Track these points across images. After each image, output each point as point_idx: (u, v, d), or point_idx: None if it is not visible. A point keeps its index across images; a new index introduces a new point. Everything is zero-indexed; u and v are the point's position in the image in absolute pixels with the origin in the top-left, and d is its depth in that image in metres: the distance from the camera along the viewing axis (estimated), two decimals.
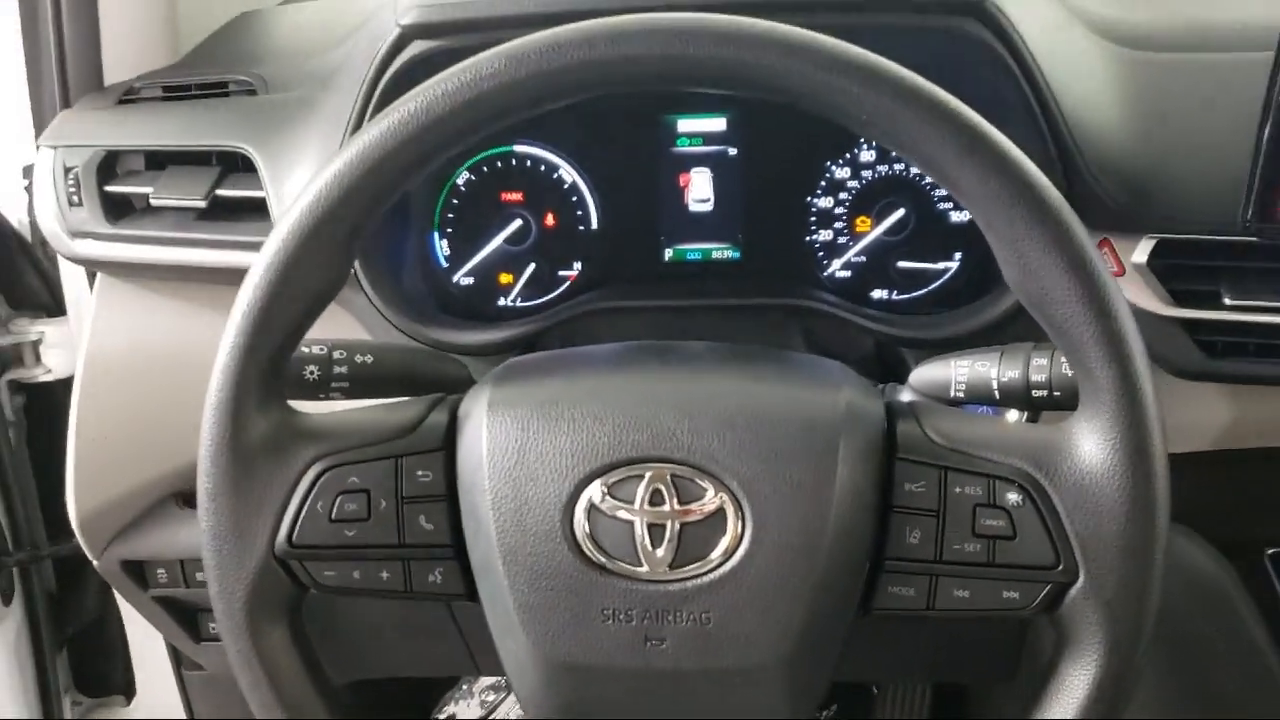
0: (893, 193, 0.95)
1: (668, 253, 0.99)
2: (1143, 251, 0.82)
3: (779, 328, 0.94)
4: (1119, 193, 0.82)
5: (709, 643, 0.58)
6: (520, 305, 1.00)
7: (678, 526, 0.58)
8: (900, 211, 0.94)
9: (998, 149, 0.55)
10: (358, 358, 0.71)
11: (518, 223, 0.98)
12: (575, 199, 0.98)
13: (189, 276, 0.99)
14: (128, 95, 1.04)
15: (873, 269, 0.97)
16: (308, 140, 0.90)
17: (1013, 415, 0.79)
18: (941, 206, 0.95)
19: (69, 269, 1.20)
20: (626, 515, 0.58)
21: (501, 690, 1.68)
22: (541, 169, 0.98)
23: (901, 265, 0.96)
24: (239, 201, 0.93)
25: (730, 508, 0.58)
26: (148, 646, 1.37)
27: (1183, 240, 0.82)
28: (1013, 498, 0.58)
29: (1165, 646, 0.93)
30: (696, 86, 0.58)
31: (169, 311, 1.02)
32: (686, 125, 0.96)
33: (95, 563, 1.05)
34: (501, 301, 1.00)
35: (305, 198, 0.58)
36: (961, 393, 0.71)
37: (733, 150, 0.96)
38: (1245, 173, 0.76)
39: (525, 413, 0.61)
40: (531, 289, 1.00)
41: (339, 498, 0.62)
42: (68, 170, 0.98)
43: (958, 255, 0.95)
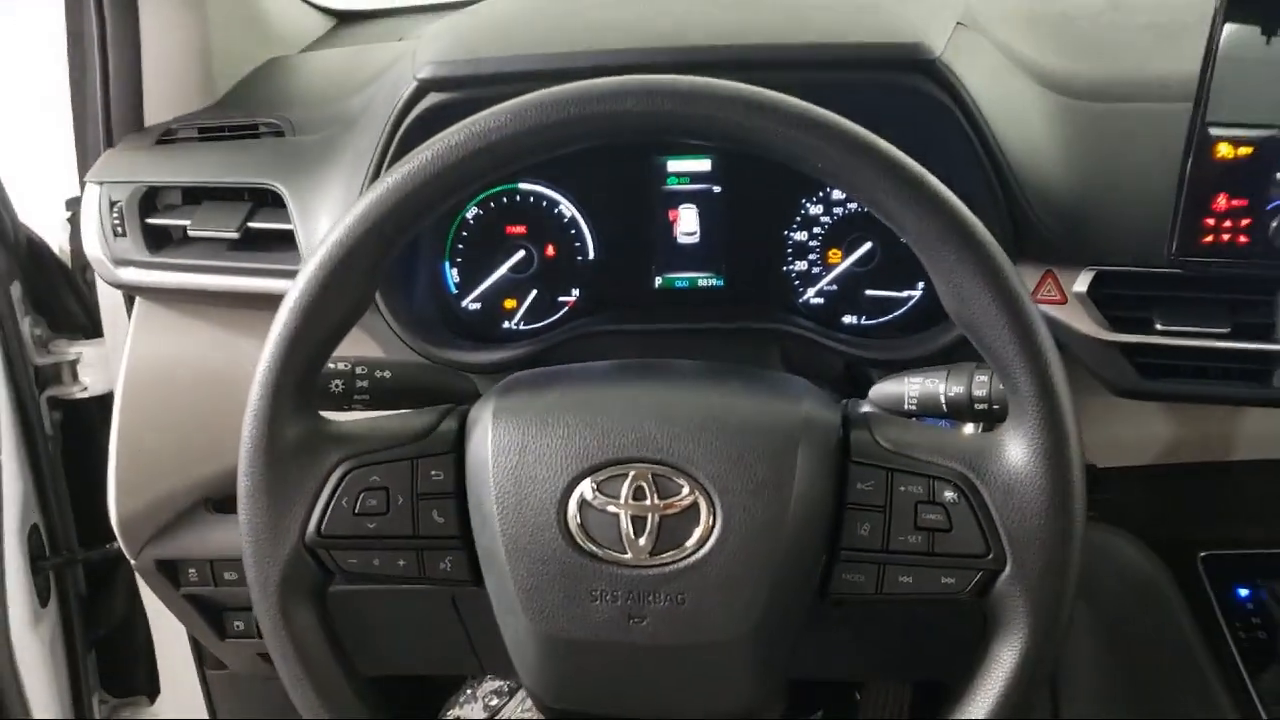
0: (861, 227, 1.01)
1: (658, 281, 1.06)
2: (1083, 282, 0.89)
3: (759, 349, 1.01)
4: (1060, 230, 0.89)
5: (684, 620, 0.66)
6: (523, 328, 1.06)
7: (657, 519, 0.66)
8: (868, 244, 1.01)
9: (933, 193, 0.63)
10: (377, 373, 0.79)
11: (521, 253, 1.05)
12: (574, 232, 1.05)
13: (221, 301, 1.07)
14: (166, 135, 1.11)
15: (843, 296, 1.03)
16: (332, 179, 0.98)
17: (969, 429, 0.86)
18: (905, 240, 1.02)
19: (106, 294, 1.25)
20: (613, 509, 0.66)
21: (505, 695, 1.75)
22: (543, 204, 1.04)
23: (869, 293, 1.03)
24: (269, 233, 1.01)
25: (703, 502, 0.66)
26: (171, 649, 1.43)
27: (1119, 272, 0.89)
28: (949, 495, 0.66)
29: (1106, 638, 1.01)
30: (675, 138, 0.66)
31: (202, 333, 1.10)
32: (675, 166, 1.03)
33: (133, 561, 1.13)
34: (506, 325, 1.06)
35: (335, 234, 0.66)
36: (914, 406, 0.79)
37: (717, 188, 1.03)
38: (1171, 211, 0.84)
39: (525, 420, 0.69)
40: (533, 314, 1.06)
41: (361, 494, 0.69)
42: (112, 204, 1.06)
43: (920, 285, 1.02)
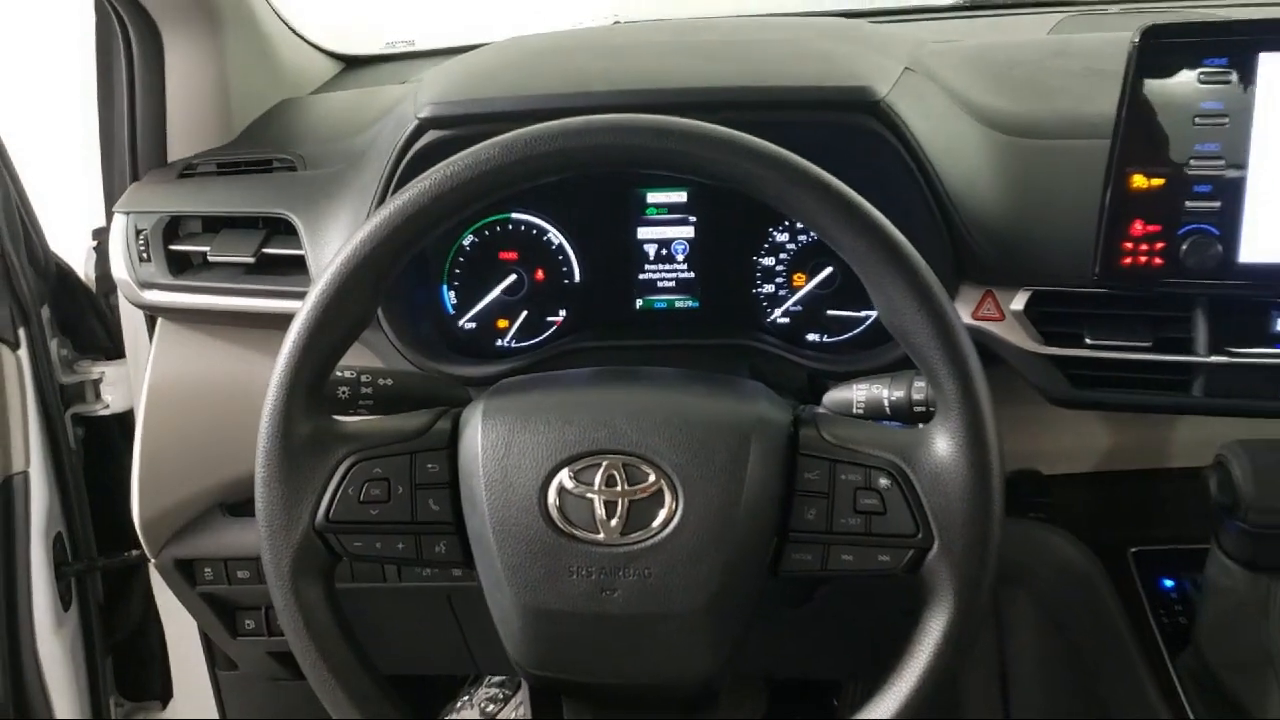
0: (823, 253, 1.07)
1: (638, 302, 1.13)
2: (1019, 301, 0.96)
3: (730, 364, 1.08)
4: (997, 254, 0.96)
5: (650, 593, 0.73)
6: (514, 345, 1.13)
7: (627, 503, 0.73)
8: (829, 269, 1.08)
9: (867, 216, 0.72)
10: (380, 381, 0.87)
11: (513, 277, 1.12)
12: (561, 258, 1.12)
13: (237, 321, 1.14)
14: (188, 170, 1.18)
15: (807, 316, 1.10)
16: (340, 209, 1.05)
17: None
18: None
19: (127, 317, 1.32)
20: (588, 494, 0.73)
21: (500, 701, 1.81)
22: (533, 233, 1.12)
23: (830, 313, 1.10)
24: (282, 259, 1.08)
25: (667, 489, 0.73)
26: (184, 654, 1.49)
27: (1051, 291, 0.96)
28: (884, 482, 0.73)
29: (1047, 624, 1.08)
30: (647, 169, 0.74)
31: (219, 351, 1.17)
32: (654, 197, 1.10)
33: (153, 560, 1.20)
34: (499, 343, 1.13)
35: (342, 254, 0.75)
36: (861, 410, 0.87)
37: (692, 218, 1.11)
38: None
39: (511, 418, 0.77)
40: (524, 332, 1.13)
41: (365, 484, 0.76)
42: (138, 232, 1.13)
43: None
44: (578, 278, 1.13)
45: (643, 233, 1.12)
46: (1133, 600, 1.00)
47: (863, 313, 1.10)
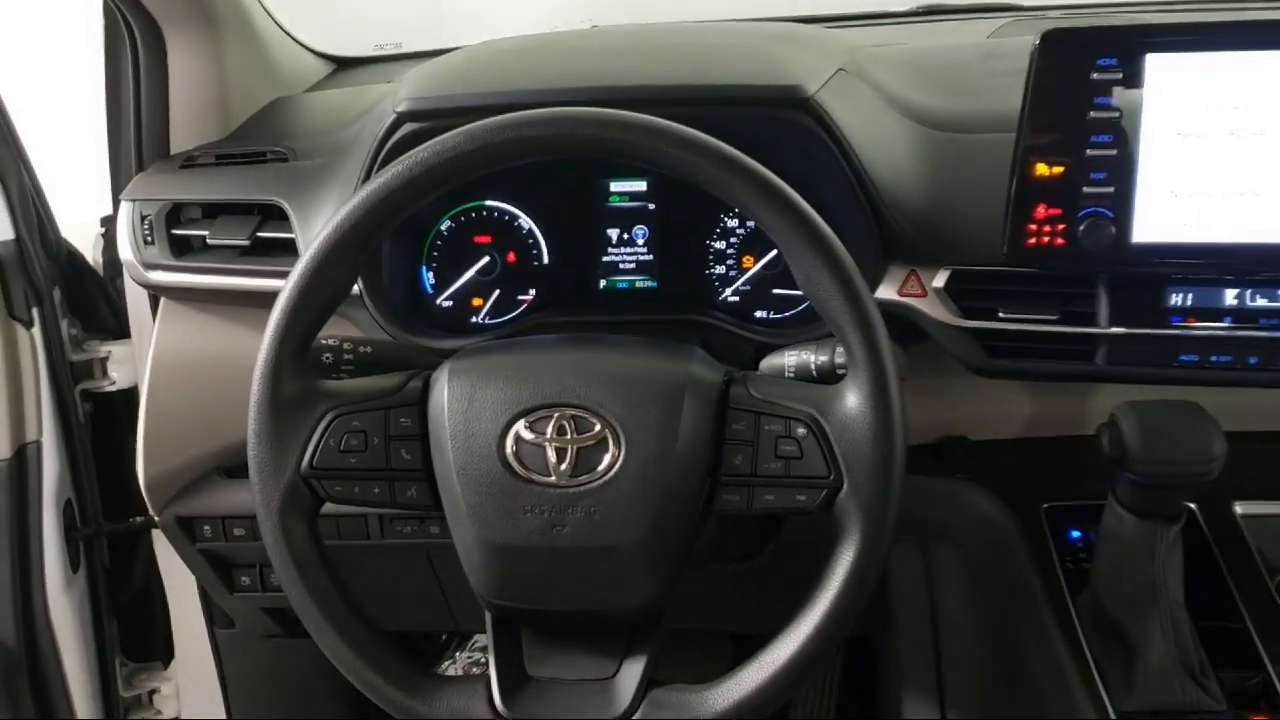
0: (769, 238, 1.18)
1: (601, 283, 1.21)
2: (940, 279, 1.05)
3: (684, 338, 1.13)
4: (919, 237, 1.05)
5: (595, 528, 0.82)
6: (487, 322, 1.21)
7: (575, 450, 0.82)
8: (775, 252, 1.16)
9: (787, 198, 0.81)
10: (361, 348, 0.96)
11: (486, 259, 1.20)
12: (531, 242, 1.20)
13: (234, 300, 1.22)
14: (189, 161, 1.26)
15: (755, 295, 1.18)
16: (327, 195, 1.13)
17: None
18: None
19: (133, 299, 1.42)
20: (541, 442, 0.82)
21: (483, 665, 1.90)
22: (506, 218, 1.20)
23: (776, 292, 1.17)
24: (274, 241, 1.16)
25: (610, 437, 0.82)
26: (185, 617, 1.57)
27: (968, 270, 1.04)
28: (801, 431, 0.82)
29: (968, 572, 1.17)
30: (592, 156, 0.83)
31: (216, 328, 1.25)
32: (617, 186, 1.18)
33: (156, 518, 1.29)
34: (474, 319, 1.21)
35: (325, 230, 0.84)
36: (792, 374, 0.96)
37: (651, 205, 1.19)
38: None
39: (473, 377, 0.85)
40: (496, 309, 1.21)
41: (345, 436, 0.85)
42: (143, 218, 1.21)
43: None
44: (546, 260, 1.21)
45: (606, 219, 1.20)
46: (1042, 549, 1.08)
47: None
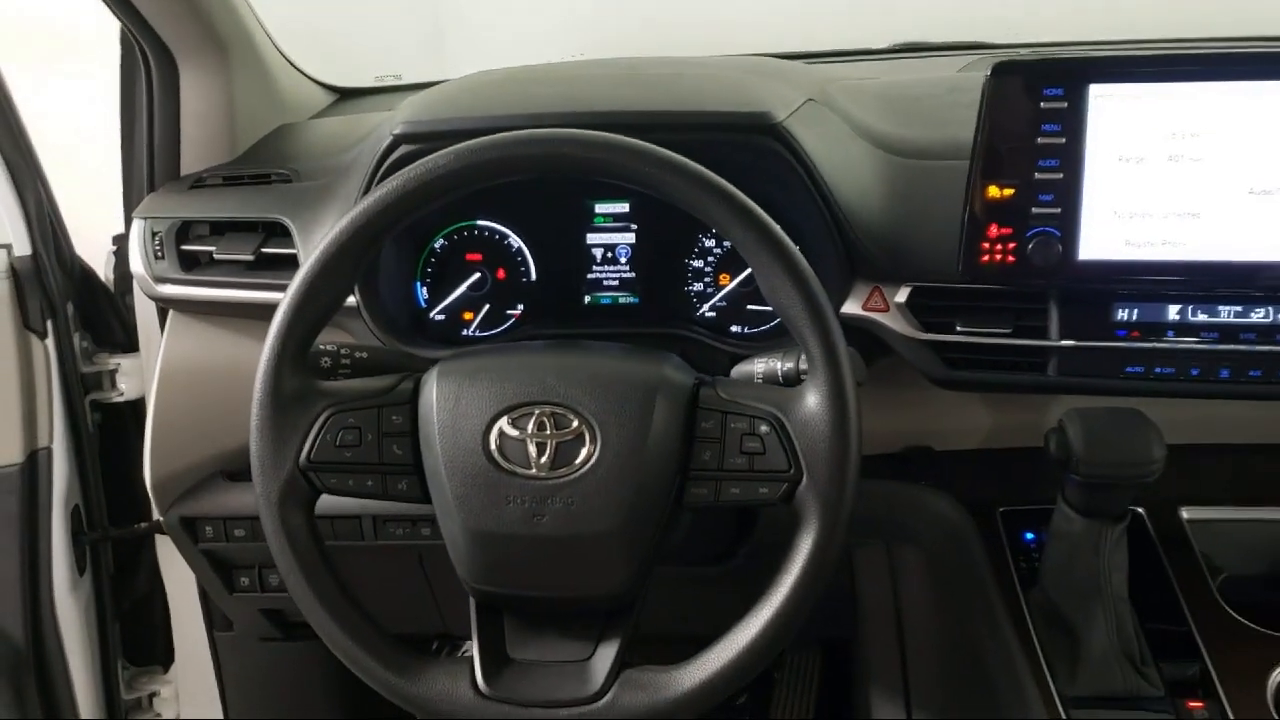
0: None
1: (586, 299, 1.26)
2: (902, 295, 1.10)
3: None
4: (882, 256, 1.10)
5: (573, 518, 0.86)
6: (478, 334, 1.26)
7: (554, 444, 0.87)
8: (749, 270, 1.21)
9: (752, 214, 0.87)
10: (357, 354, 1.02)
11: (477, 275, 1.25)
12: (520, 259, 1.26)
13: (239, 312, 1.27)
14: (198, 182, 1.31)
15: (730, 310, 1.24)
16: (327, 213, 1.19)
17: None
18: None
19: (142, 314, 1.45)
20: (522, 437, 0.87)
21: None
22: (496, 237, 1.26)
23: (750, 308, 1.23)
24: (278, 257, 1.21)
25: (587, 433, 0.87)
26: (185, 623, 1.61)
27: (928, 286, 1.10)
28: (764, 429, 0.87)
29: (929, 571, 1.22)
30: (574, 175, 0.89)
31: (221, 339, 1.30)
32: (601, 208, 1.25)
33: (161, 519, 1.34)
34: (464, 332, 1.26)
35: (325, 241, 0.89)
36: (760, 379, 1.01)
37: (634, 225, 1.25)
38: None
39: (460, 378, 0.90)
40: (486, 323, 1.26)
41: (341, 431, 0.89)
42: (154, 234, 1.26)
43: None
44: (534, 277, 1.27)
45: (591, 238, 1.26)
46: (998, 550, 1.13)
47: None
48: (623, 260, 1.27)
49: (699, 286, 1.26)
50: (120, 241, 1.49)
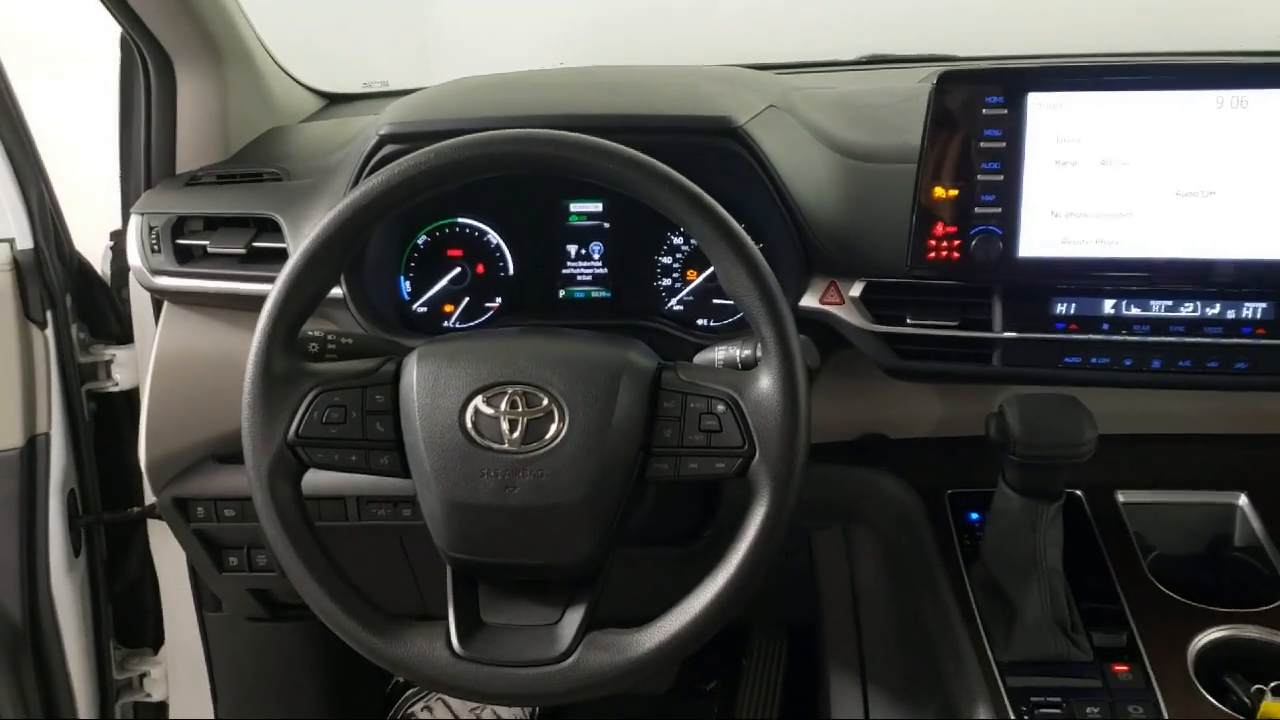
0: None
1: (561, 293, 1.32)
2: (856, 289, 1.16)
3: None
4: (838, 253, 1.16)
5: (542, 489, 0.91)
6: (458, 326, 1.32)
7: (525, 421, 0.92)
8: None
9: (710, 208, 0.93)
10: (343, 339, 1.07)
11: (458, 270, 1.31)
12: (499, 255, 1.32)
13: (230, 304, 1.32)
14: (193, 180, 1.36)
15: (698, 304, 1.29)
16: (315, 209, 1.24)
17: None
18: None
19: (137, 307, 1.51)
20: (496, 415, 0.93)
21: None
22: (476, 234, 1.31)
23: (716, 302, 1.29)
24: (268, 251, 1.26)
25: (556, 411, 0.92)
26: (176, 606, 1.66)
27: (881, 281, 1.15)
28: (721, 408, 0.92)
29: (882, 550, 1.28)
30: (544, 172, 0.95)
31: (214, 329, 1.35)
32: (576, 207, 1.30)
33: (155, 498, 1.39)
34: (445, 324, 1.32)
35: (314, 231, 0.95)
36: (720, 365, 1.07)
37: (606, 224, 1.30)
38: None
39: (439, 360, 0.96)
40: (466, 315, 1.32)
41: (327, 410, 0.94)
42: (151, 229, 1.31)
43: None
44: (512, 272, 1.33)
45: (566, 236, 1.32)
46: (944, 529, 1.20)
47: None
48: (596, 256, 1.32)
49: (668, 282, 1.32)
50: (117, 237, 1.54)
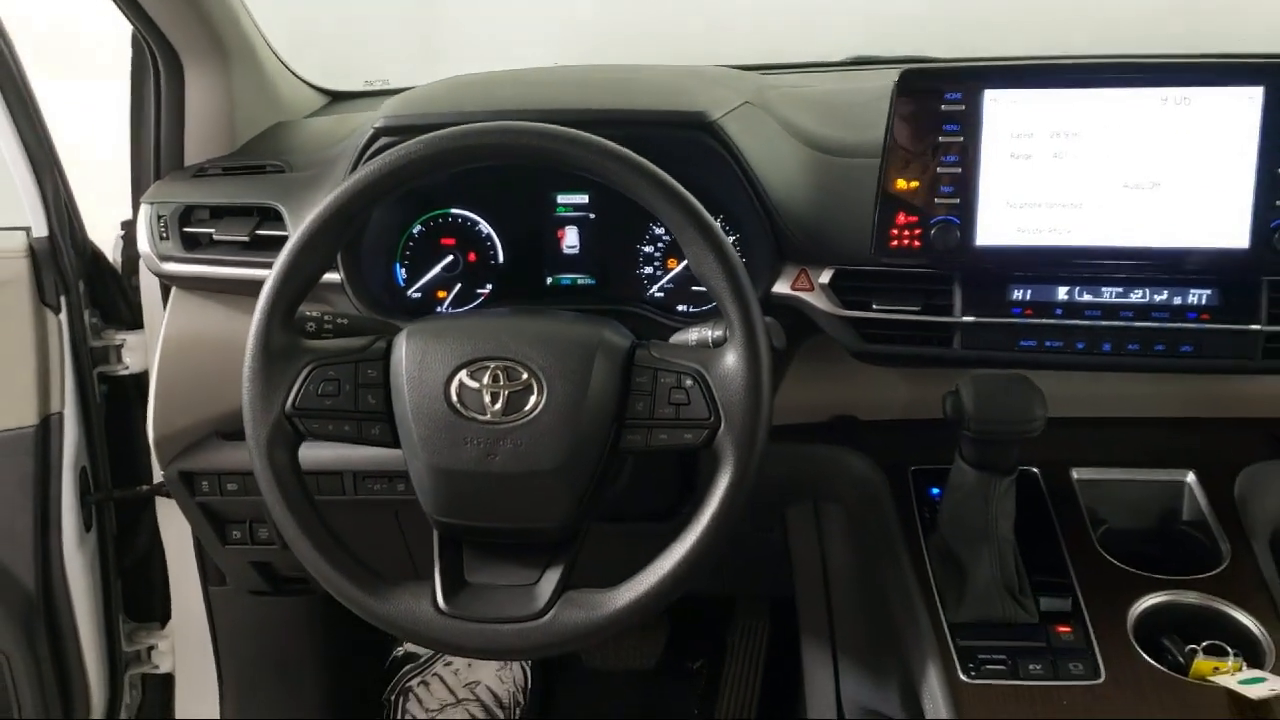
0: None
1: (548, 280, 1.38)
2: (825, 276, 1.21)
3: None
4: (808, 242, 1.21)
5: (521, 457, 0.97)
6: (450, 311, 1.38)
7: (506, 394, 0.98)
8: None
9: (680, 195, 0.98)
10: (338, 320, 1.12)
11: (450, 258, 1.36)
12: (489, 244, 1.37)
13: (234, 289, 1.37)
14: (200, 172, 1.42)
15: (678, 291, 1.34)
16: (316, 200, 1.26)
17: None
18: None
19: (147, 294, 1.57)
20: (479, 387, 0.98)
21: None
22: (468, 224, 1.37)
23: (695, 289, 1.34)
24: (271, 238, 1.32)
25: (535, 384, 0.98)
26: (182, 582, 1.72)
27: (849, 269, 1.21)
28: (689, 383, 0.98)
29: (847, 523, 1.34)
30: (528, 162, 1.01)
31: (219, 313, 1.41)
32: (563, 199, 1.36)
33: (162, 472, 1.45)
34: (438, 309, 1.37)
35: (311, 215, 1.01)
36: (693, 345, 1.13)
37: (592, 215, 1.36)
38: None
39: (426, 337, 1.01)
40: (457, 301, 1.37)
41: (322, 383, 1.00)
42: (159, 218, 1.37)
43: None
44: (501, 260, 1.39)
45: (553, 226, 1.38)
46: (906, 503, 1.25)
47: None
48: (581, 246, 1.38)
49: (649, 270, 1.37)
50: (128, 227, 1.60)
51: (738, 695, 1.89)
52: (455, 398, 0.99)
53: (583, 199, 1.37)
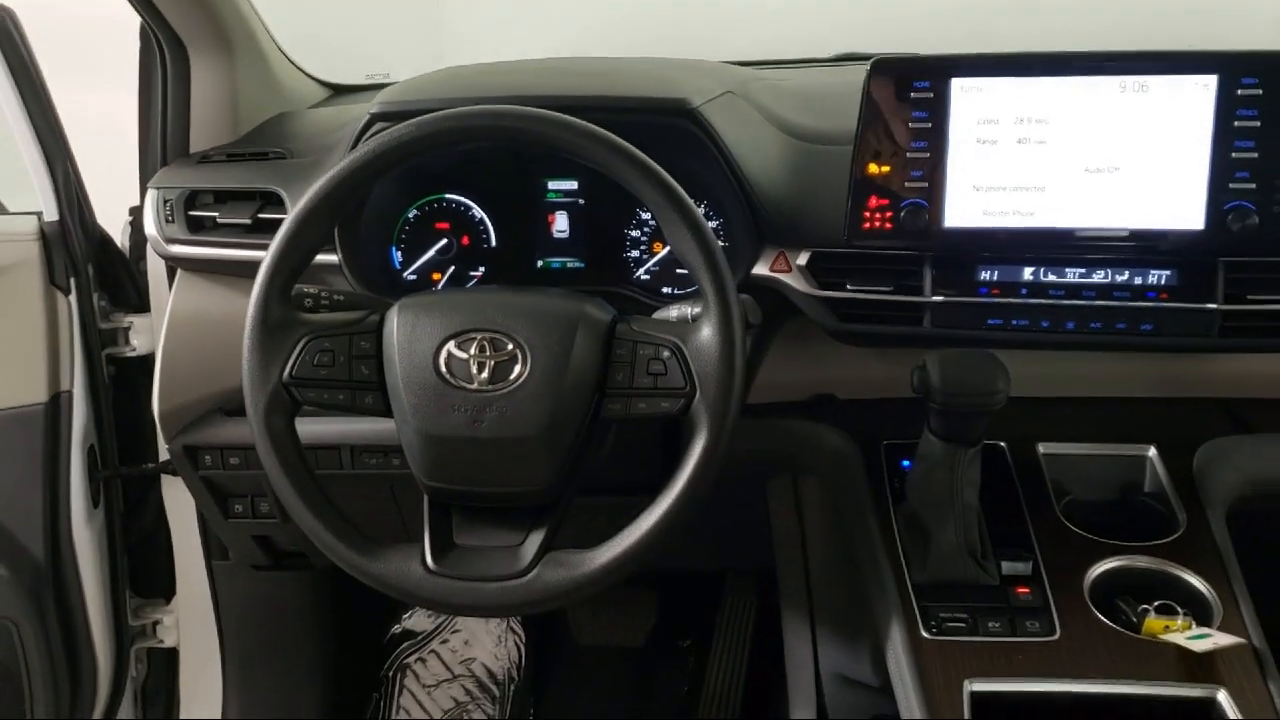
0: None
1: (539, 263, 1.42)
2: (803, 258, 1.26)
3: None
4: (785, 225, 1.26)
5: (506, 423, 1.02)
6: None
7: (492, 363, 1.03)
8: None
9: (659, 177, 1.03)
10: (335, 296, 1.17)
11: (444, 242, 1.42)
12: (482, 228, 1.43)
13: (237, 271, 1.42)
14: (204, 158, 1.47)
15: (664, 274, 1.39)
16: (314, 183, 1.37)
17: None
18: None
19: (154, 278, 1.62)
20: (466, 358, 1.03)
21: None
22: (461, 209, 1.42)
23: (680, 272, 1.38)
24: (272, 222, 1.36)
25: (519, 354, 1.03)
26: (187, 558, 1.77)
27: (824, 251, 1.25)
28: (666, 354, 1.03)
29: (825, 499, 1.39)
30: (514, 144, 1.06)
31: (222, 294, 1.46)
32: (554, 185, 1.41)
33: (167, 446, 1.50)
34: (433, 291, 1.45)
35: (307, 194, 1.06)
36: (673, 321, 1.18)
37: (581, 200, 1.41)
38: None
39: (416, 310, 1.06)
40: (451, 283, 1.42)
41: (318, 354, 1.05)
42: (165, 202, 1.42)
43: None
44: (494, 243, 1.44)
45: (544, 211, 1.42)
46: (878, 475, 1.30)
47: None
48: (571, 230, 1.43)
49: (636, 253, 1.42)
50: (135, 213, 1.65)
51: (725, 672, 1.93)
52: (444, 367, 1.04)
53: (572, 185, 1.42)
